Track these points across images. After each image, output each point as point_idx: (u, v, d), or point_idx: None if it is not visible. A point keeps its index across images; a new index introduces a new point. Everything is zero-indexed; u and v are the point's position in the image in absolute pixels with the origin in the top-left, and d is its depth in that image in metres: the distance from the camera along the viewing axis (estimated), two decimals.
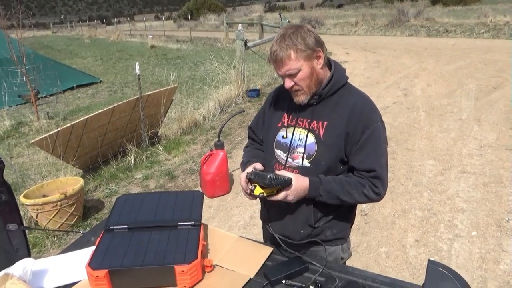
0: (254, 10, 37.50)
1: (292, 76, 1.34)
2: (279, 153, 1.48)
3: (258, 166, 1.49)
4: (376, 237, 2.98)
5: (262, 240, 1.69)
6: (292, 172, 1.42)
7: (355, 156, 1.38)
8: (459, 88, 6.99)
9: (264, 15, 26.15)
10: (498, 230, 2.95)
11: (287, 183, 1.31)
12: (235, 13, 40.46)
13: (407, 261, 2.68)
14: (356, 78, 8.44)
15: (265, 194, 1.34)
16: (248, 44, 7.19)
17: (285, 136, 1.46)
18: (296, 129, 1.44)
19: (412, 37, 15.79)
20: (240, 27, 7.11)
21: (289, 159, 1.44)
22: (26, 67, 6.49)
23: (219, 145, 3.72)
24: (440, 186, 3.67)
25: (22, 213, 3.37)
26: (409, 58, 10.48)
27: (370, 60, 10.50)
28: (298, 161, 1.42)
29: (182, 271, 1.22)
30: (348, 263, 1.60)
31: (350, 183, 1.38)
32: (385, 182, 1.40)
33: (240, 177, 1.45)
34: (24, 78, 6.54)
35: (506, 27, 14.43)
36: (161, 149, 4.88)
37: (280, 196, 1.33)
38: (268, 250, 1.44)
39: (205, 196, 3.45)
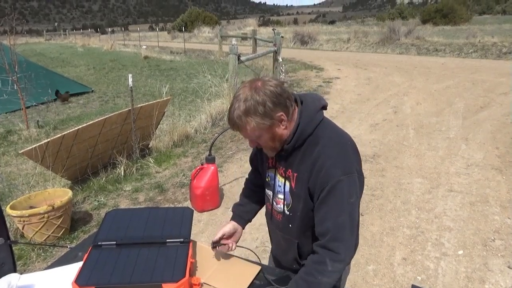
0: (248, 24, 37.91)
1: (253, 140, 1.28)
2: (269, 194, 1.48)
3: (227, 229, 1.53)
4: (364, 255, 2.99)
5: (249, 256, 1.70)
6: (277, 215, 1.45)
7: (316, 215, 1.28)
8: (448, 107, 7.13)
9: (258, 29, 26.43)
10: (484, 250, 2.99)
11: None
12: (229, 26, 40.83)
13: (394, 279, 2.70)
14: (347, 94, 8.55)
15: None
16: (241, 58, 7.26)
17: (270, 178, 1.44)
18: (277, 173, 1.40)
19: (403, 55, 16.08)
20: (233, 41, 7.19)
21: (274, 203, 1.45)
22: (18, 75, 6.46)
23: (210, 159, 3.72)
24: (428, 205, 3.71)
25: (8, 224, 3.32)
26: (399, 76, 10.66)
27: (361, 77, 10.65)
28: (280, 207, 1.42)
29: None
30: None
31: (311, 273, 1.24)
32: (347, 243, 1.23)
33: (222, 228, 1.51)
34: (15, 86, 6.50)
35: (493, 47, 14.81)
36: (151, 161, 4.87)
37: None
38: (256, 268, 1.45)
39: (194, 211, 3.45)
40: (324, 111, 1.34)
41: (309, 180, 1.26)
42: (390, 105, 7.46)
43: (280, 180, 1.38)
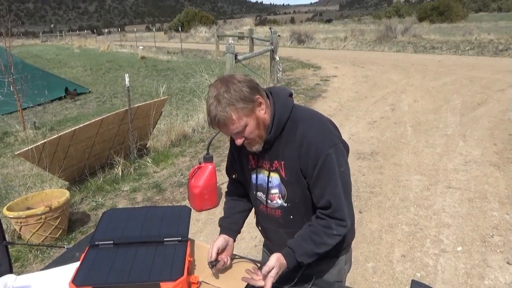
0: (245, 23, 37.92)
1: (240, 133, 1.28)
2: (260, 195, 1.47)
3: (219, 243, 1.46)
4: (363, 252, 2.99)
5: (249, 254, 1.68)
6: (275, 212, 1.44)
7: (313, 191, 1.33)
8: (445, 104, 7.13)
9: (255, 29, 26.41)
10: (482, 246, 2.99)
11: None
12: (226, 26, 40.85)
13: (393, 276, 2.69)
14: (345, 92, 8.55)
15: None
16: (238, 57, 7.25)
17: (256, 179, 1.45)
18: (263, 171, 1.41)
19: (400, 53, 16.10)
20: (230, 40, 7.17)
21: (268, 201, 1.44)
22: (14, 77, 6.43)
23: (208, 158, 3.71)
24: (427, 201, 3.71)
25: (4, 226, 3.30)
26: (396, 73, 10.66)
27: (358, 75, 10.65)
28: (276, 202, 1.42)
29: None
30: None
31: (317, 233, 1.31)
32: (346, 211, 1.31)
33: (211, 245, 1.44)
34: (12, 88, 6.47)
35: (490, 44, 14.85)
36: (149, 161, 4.85)
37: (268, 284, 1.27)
38: (255, 266, 1.44)
39: (193, 210, 3.43)
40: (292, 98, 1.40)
41: (300, 163, 1.30)
42: (388, 103, 7.46)
43: (267, 176, 1.39)
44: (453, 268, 2.75)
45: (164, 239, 1.42)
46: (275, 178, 1.38)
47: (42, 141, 3.62)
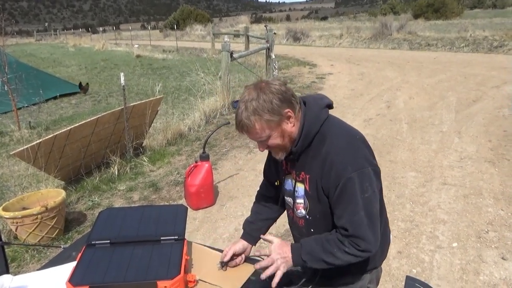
0: (241, 21, 37.84)
1: (263, 141, 1.28)
2: (289, 200, 1.46)
3: (237, 248, 1.48)
4: None
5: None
6: (299, 221, 1.43)
7: (334, 211, 1.29)
8: (440, 101, 7.16)
9: (250, 26, 26.38)
10: (478, 241, 3.01)
11: None
12: (221, 24, 40.74)
13: (389, 272, 2.71)
14: (341, 90, 8.57)
15: None
16: (234, 55, 7.24)
17: (287, 184, 1.44)
18: (292, 178, 1.39)
19: (395, 50, 16.14)
20: (226, 38, 7.16)
21: (295, 209, 1.43)
22: (8, 76, 6.38)
23: (204, 157, 3.71)
24: (422, 198, 3.73)
25: (0, 226, 3.30)
26: (392, 70, 10.69)
27: (354, 73, 10.67)
28: (301, 212, 1.40)
29: (165, 286, 1.21)
30: None
31: (329, 241, 1.27)
32: (366, 238, 1.23)
33: (229, 246, 1.46)
34: (6, 87, 6.43)
35: (484, 41, 14.91)
36: (145, 160, 4.85)
37: (270, 269, 1.29)
38: (252, 265, 1.45)
39: (189, 208, 3.44)
40: (329, 109, 1.35)
41: (321, 180, 1.26)
42: (383, 100, 7.48)
43: (296, 184, 1.38)
44: (448, 264, 2.77)
45: (161, 238, 1.43)
46: (300, 188, 1.36)
47: (38, 141, 3.60)
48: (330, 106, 1.34)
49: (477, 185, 3.93)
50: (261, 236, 1.51)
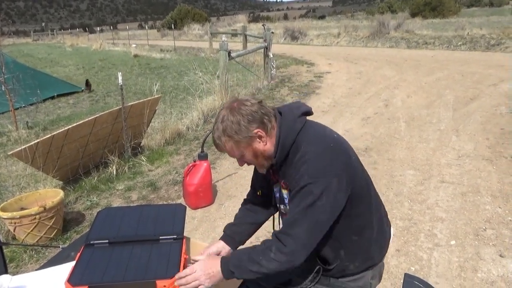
0: (238, 20, 37.82)
1: (238, 159, 1.32)
2: (282, 207, 1.47)
3: (212, 250, 1.48)
4: None
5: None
6: None
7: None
8: (438, 99, 7.18)
9: (248, 25, 26.36)
10: (476, 239, 3.02)
11: None
12: (219, 23, 40.70)
13: (388, 270, 2.72)
14: (339, 89, 8.58)
15: None
16: (232, 54, 7.24)
17: (276, 192, 1.45)
18: (279, 186, 1.41)
19: (393, 48, 16.15)
20: (224, 37, 7.16)
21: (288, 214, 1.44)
22: (5, 76, 6.36)
23: (203, 156, 3.71)
24: (420, 196, 3.74)
25: None
26: (389, 69, 10.70)
27: (352, 71, 10.68)
28: None
29: (164, 286, 1.21)
30: None
31: (257, 250, 1.26)
32: (297, 240, 1.20)
33: (208, 249, 1.46)
34: (3, 87, 6.41)
35: (482, 39, 14.94)
36: (144, 159, 4.84)
37: (187, 278, 1.24)
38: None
39: (188, 208, 3.44)
40: (308, 116, 1.35)
41: (293, 187, 1.28)
42: (381, 99, 7.49)
43: (282, 191, 1.41)
44: (446, 261, 2.78)
45: (160, 237, 1.43)
46: (286, 195, 1.38)
47: (35, 141, 3.60)
48: (307, 113, 1.35)
49: (475, 183, 3.94)
50: (191, 257, 1.43)
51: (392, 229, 1.56)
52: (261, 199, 1.57)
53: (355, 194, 1.29)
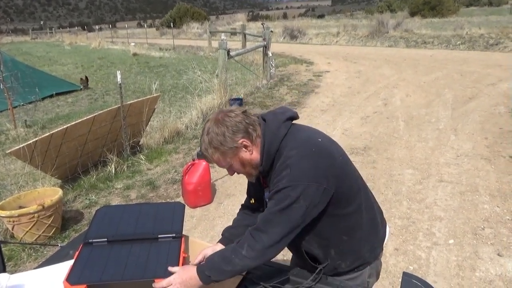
0: (237, 19, 37.76)
1: (228, 169, 1.35)
2: None
3: (208, 252, 1.45)
4: None
5: None
6: None
7: None
8: (437, 98, 7.19)
9: (247, 24, 26.31)
10: (474, 238, 3.03)
11: None
12: (218, 22, 40.65)
13: (386, 269, 2.72)
14: (338, 88, 8.58)
15: None
16: (231, 53, 7.23)
17: (266, 197, 1.45)
18: (268, 191, 1.41)
19: (392, 48, 16.15)
20: (223, 36, 7.15)
21: None
22: (4, 75, 6.35)
23: (202, 155, 3.70)
24: (419, 195, 3.75)
25: None
26: (388, 68, 10.71)
27: (351, 70, 10.68)
28: None
29: None
30: None
31: (229, 249, 1.28)
32: (269, 236, 1.22)
33: (204, 251, 1.44)
34: (1, 85, 6.39)
35: (480, 39, 14.95)
36: (142, 158, 4.84)
37: (162, 283, 1.23)
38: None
39: (187, 206, 3.43)
40: (294, 120, 1.36)
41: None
42: (380, 98, 7.50)
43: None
44: (445, 260, 2.78)
45: (158, 236, 1.43)
46: None
47: (34, 139, 3.59)
48: (292, 118, 1.35)
49: (473, 182, 3.95)
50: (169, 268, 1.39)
51: (388, 228, 1.56)
52: (256, 205, 1.59)
53: (342, 195, 1.30)
